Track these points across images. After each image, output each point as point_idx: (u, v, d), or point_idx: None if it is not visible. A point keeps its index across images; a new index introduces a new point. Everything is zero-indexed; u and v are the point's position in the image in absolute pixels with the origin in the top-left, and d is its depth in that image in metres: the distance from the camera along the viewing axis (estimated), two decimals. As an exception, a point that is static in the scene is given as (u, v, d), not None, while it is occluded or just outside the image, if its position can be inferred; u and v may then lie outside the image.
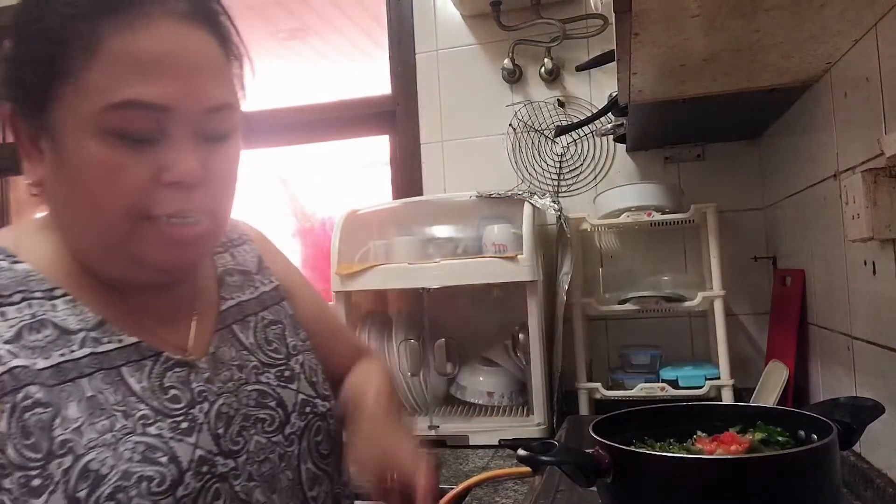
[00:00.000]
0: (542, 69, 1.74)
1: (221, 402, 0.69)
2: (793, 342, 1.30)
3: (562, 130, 1.65)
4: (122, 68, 0.59)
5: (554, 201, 1.57)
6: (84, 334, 0.64)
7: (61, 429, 0.58)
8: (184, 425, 0.64)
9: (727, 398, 1.42)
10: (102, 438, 0.59)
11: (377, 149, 2.08)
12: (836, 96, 1.03)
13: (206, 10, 0.66)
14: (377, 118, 1.96)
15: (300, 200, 2.92)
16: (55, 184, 0.65)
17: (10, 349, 0.60)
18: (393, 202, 1.78)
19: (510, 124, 1.77)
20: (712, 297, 1.45)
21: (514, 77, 1.76)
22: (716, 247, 1.47)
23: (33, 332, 0.62)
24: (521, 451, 0.72)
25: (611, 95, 1.46)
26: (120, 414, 0.61)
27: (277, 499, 0.70)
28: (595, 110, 1.62)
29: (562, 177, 1.75)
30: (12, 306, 0.62)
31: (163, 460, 0.61)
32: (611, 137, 1.68)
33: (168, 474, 0.60)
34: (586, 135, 1.73)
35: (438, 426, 1.47)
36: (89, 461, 0.58)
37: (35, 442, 0.57)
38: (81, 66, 0.59)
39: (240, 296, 0.80)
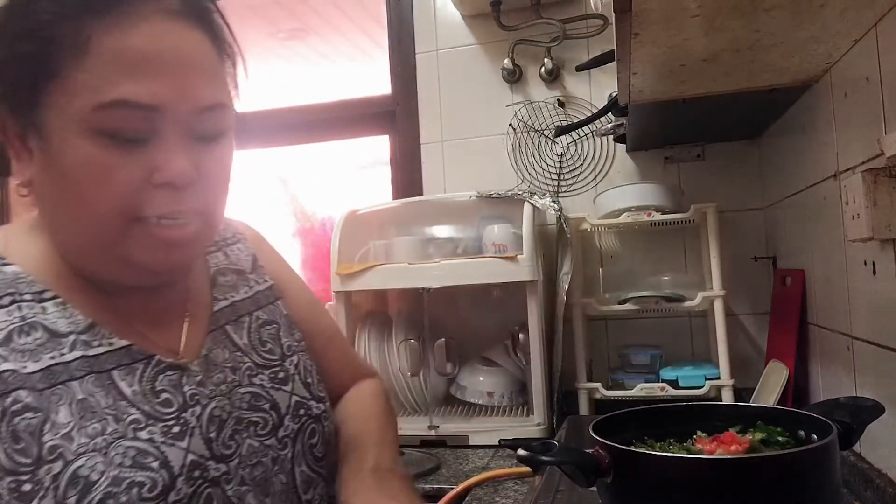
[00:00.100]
0: (542, 69, 1.74)
1: (214, 405, 0.68)
2: (793, 342, 1.30)
3: (562, 130, 1.65)
4: (113, 67, 0.58)
5: (554, 201, 1.57)
6: (74, 337, 0.63)
7: (51, 434, 0.57)
8: (175, 429, 0.63)
9: (727, 398, 1.42)
10: (93, 443, 0.58)
11: (377, 149, 2.08)
12: (836, 96, 1.03)
13: (198, 7, 0.64)
14: (377, 118, 1.96)
15: (300, 200, 2.92)
16: (44, 184, 0.63)
17: None
18: (393, 202, 1.78)
19: (510, 124, 1.77)
20: (712, 297, 1.45)
21: (514, 77, 1.76)
22: (716, 247, 1.47)
23: (23, 336, 0.61)
24: (521, 451, 0.72)
25: (611, 95, 1.46)
26: (111, 418, 0.60)
27: (271, 503, 0.69)
28: (595, 110, 1.62)
29: (562, 177, 1.75)
30: (1, 309, 0.61)
31: (154, 465, 0.60)
32: (611, 137, 1.68)
33: (159, 480, 0.59)
34: (586, 135, 1.73)
35: (438, 426, 1.47)
36: (79, 467, 0.57)
37: (25, 447, 0.57)
38: (71, 64, 0.58)
39: (233, 295, 0.78)
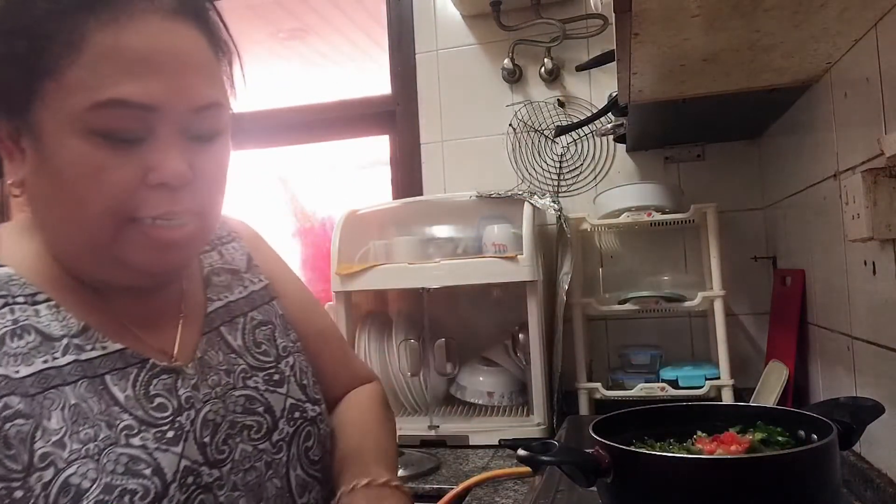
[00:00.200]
0: (542, 69, 1.74)
1: (208, 408, 0.67)
2: (793, 342, 1.30)
3: (562, 130, 1.65)
4: (108, 66, 0.57)
5: (554, 201, 1.57)
6: (67, 341, 0.62)
7: (42, 441, 0.57)
8: (169, 434, 0.62)
9: (727, 398, 1.42)
10: (85, 450, 0.58)
11: (377, 149, 2.08)
12: (836, 96, 1.03)
13: (195, 5, 0.63)
14: (377, 118, 1.96)
15: (300, 200, 2.92)
16: (37, 184, 0.62)
17: None
18: (393, 202, 1.78)
19: (510, 124, 1.77)
20: (712, 297, 1.45)
21: (514, 77, 1.76)
22: (716, 247, 1.47)
23: (15, 339, 0.60)
24: (521, 451, 0.72)
25: (611, 95, 1.46)
26: (103, 424, 0.59)
27: None
28: (595, 110, 1.62)
29: (562, 177, 1.75)
30: None
31: (146, 472, 0.59)
32: (611, 137, 1.68)
33: (152, 487, 0.59)
34: (586, 135, 1.73)
35: (438, 426, 1.47)
36: (70, 475, 0.56)
37: (15, 454, 0.56)
38: (65, 63, 0.57)
39: (227, 296, 0.77)
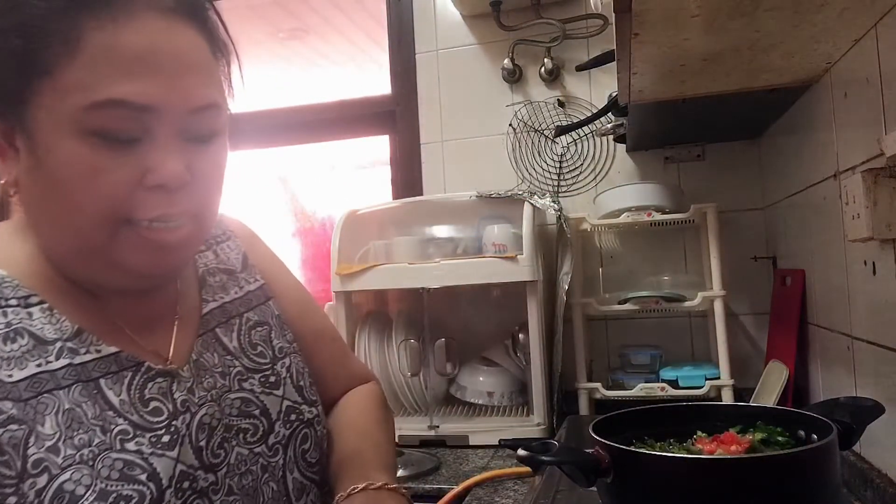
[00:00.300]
0: (542, 69, 1.74)
1: (204, 412, 0.66)
2: (793, 342, 1.30)
3: (562, 130, 1.65)
4: (105, 65, 0.56)
5: (554, 201, 1.57)
6: (61, 344, 0.61)
7: (35, 447, 0.56)
8: (165, 439, 0.62)
9: (727, 398, 1.42)
10: (79, 455, 0.57)
11: (377, 149, 2.08)
12: (836, 96, 1.03)
13: (193, 5, 0.63)
14: (377, 118, 1.96)
15: (300, 200, 2.92)
16: (31, 185, 0.61)
17: None
18: (393, 202, 1.78)
19: (510, 124, 1.77)
20: (712, 297, 1.45)
21: (514, 77, 1.76)
22: (716, 247, 1.47)
23: (8, 342, 0.59)
24: (521, 451, 0.72)
25: (611, 95, 1.46)
26: (98, 429, 0.59)
27: None
28: (595, 110, 1.62)
29: (562, 177, 1.75)
30: None
31: (142, 478, 0.58)
32: (611, 137, 1.68)
33: (147, 493, 0.58)
34: (586, 135, 1.73)
35: (438, 426, 1.47)
36: (64, 481, 0.56)
37: (8, 460, 0.55)
38: (61, 62, 0.56)
39: (223, 296, 0.76)
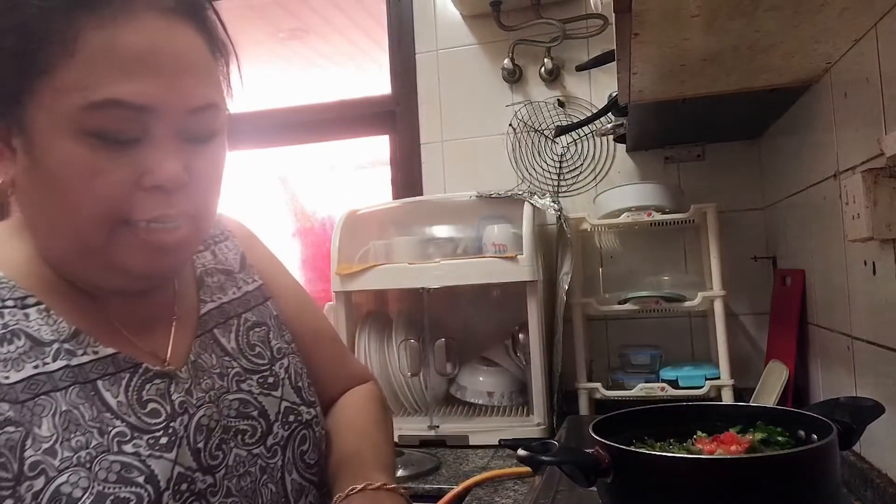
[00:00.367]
0: (542, 69, 1.74)
1: (202, 413, 0.66)
2: (793, 342, 1.30)
3: (562, 130, 1.65)
4: (103, 65, 0.56)
5: (554, 201, 1.57)
6: (58, 346, 0.60)
7: (32, 450, 0.56)
8: (163, 440, 0.61)
9: (727, 398, 1.42)
10: (76, 457, 0.57)
11: (377, 149, 2.08)
12: (836, 96, 1.03)
13: (192, 4, 0.62)
14: (377, 118, 1.96)
15: (300, 200, 2.92)
16: (28, 185, 0.61)
17: None
18: (393, 202, 1.78)
19: (510, 124, 1.77)
20: (712, 297, 1.45)
21: (514, 77, 1.76)
22: (716, 247, 1.47)
23: (5, 344, 0.58)
24: (521, 451, 0.72)
25: (611, 95, 1.46)
26: (95, 431, 0.58)
27: None
28: (595, 110, 1.62)
29: (562, 177, 1.75)
30: None
31: (139, 480, 0.58)
32: (611, 137, 1.68)
33: (145, 495, 0.58)
34: (586, 135, 1.73)
35: (438, 426, 1.47)
36: (61, 484, 0.55)
37: (5, 462, 0.55)
38: (59, 61, 0.56)
39: (221, 297, 0.76)
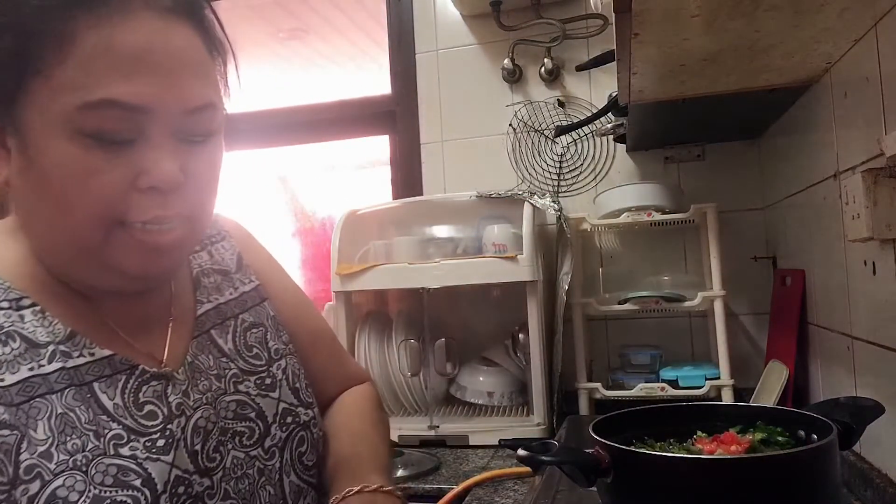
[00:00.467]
0: (542, 69, 1.74)
1: (199, 415, 0.65)
2: (793, 342, 1.30)
3: (562, 130, 1.65)
4: (99, 65, 0.55)
5: (554, 201, 1.57)
6: (53, 347, 0.60)
7: (28, 453, 0.55)
8: (160, 443, 0.61)
9: (727, 398, 1.42)
10: (72, 461, 0.56)
11: (377, 149, 2.08)
12: (836, 96, 1.03)
13: (190, 3, 0.62)
14: (377, 118, 1.96)
15: (300, 200, 2.92)
16: (22, 186, 0.60)
17: None
18: (393, 202, 1.78)
19: (510, 124, 1.77)
20: (712, 297, 1.45)
21: (514, 77, 1.76)
22: (716, 247, 1.47)
23: (0, 346, 0.58)
24: (521, 451, 0.72)
25: (611, 95, 1.46)
26: (91, 434, 0.58)
27: None
28: (595, 110, 1.62)
29: (562, 177, 1.75)
30: None
31: (136, 483, 0.57)
32: (611, 137, 1.68)
33: (142, 498, 0.57)
34: (586, 135, 1.73)
35: (438, 426, 1.47)
36: (57, 487, 0.55)
37: (0, 465, 0.54)
38: (54, 61, 0.55)
39: (218, 298, 0.75)
